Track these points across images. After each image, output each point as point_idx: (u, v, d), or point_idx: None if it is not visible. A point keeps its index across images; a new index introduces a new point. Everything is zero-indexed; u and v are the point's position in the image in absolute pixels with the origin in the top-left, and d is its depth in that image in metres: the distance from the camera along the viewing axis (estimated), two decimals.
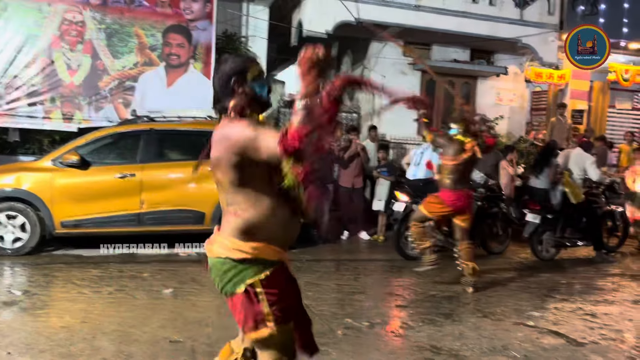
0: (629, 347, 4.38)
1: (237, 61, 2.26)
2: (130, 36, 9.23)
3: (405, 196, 7.47)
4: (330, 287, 5.86)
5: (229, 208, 2.21)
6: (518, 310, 5.29)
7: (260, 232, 2.17)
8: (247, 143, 2.03)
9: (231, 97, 2.21)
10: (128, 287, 5.50)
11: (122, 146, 7.35)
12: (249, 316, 2.18)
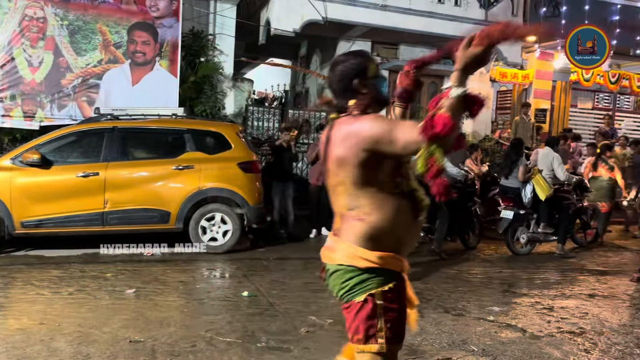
0: (583, 339, 4.52)
1: (358, 60, 2.19)
2: (94, 33, 9.08)
3: None
4: (296, 285, 5.88)
5: (350, 212, 2.09)
6: (479, 305, 5.40)
7: (386, 238, 2.07)
8: (382, 136, 1.94)
9: (352, 97, 2.13)
10: (89, 287, 5.42)
11: (85, 145, 7.25)
12: (362, 328, 2.07)
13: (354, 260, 2.05)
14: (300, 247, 8.09)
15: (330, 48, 12.21)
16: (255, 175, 7.50)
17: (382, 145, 1.94)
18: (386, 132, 1.93)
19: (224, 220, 7.26)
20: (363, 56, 2.24)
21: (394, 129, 1.92)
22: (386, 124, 1.97)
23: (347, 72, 2.16)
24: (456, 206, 7.81)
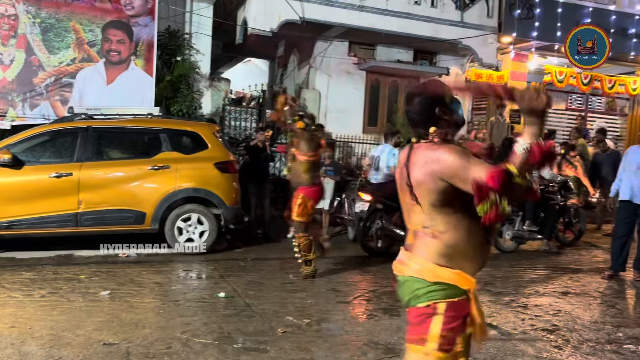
0: (556, 336, 4.59)
1: (437, 88, 2.28)
2: (67, 31, 8.94)
3: (369, 195, 7.78)
4: (273, 285, 5.86)
5: (425, 230, 2.19)
6: None
7: (458, 256, 2.16)
8: (457, 172, 2.03)
9: (433, 124, 2.21)
10: (62, 289, 5.33)
11: (58, 145, 7.13)
12: (418, 330, 2.18)
13: (424, 274, 2.17)
14: (278, 248, 8.07)
15: (307, 48, 12.22)
16: (232, 176, 7.46)
17: (457, 180, 2.05)
18: (462, 169, 2.02)
19: (201, 221, 7.21)
20: (438, 84, 2.33)
21: (470, 169, 2.00)
22: (464, 161, 2.05)
23: (427, 102, 2.24)
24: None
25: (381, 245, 7.87)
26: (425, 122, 2.23)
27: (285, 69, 13.73)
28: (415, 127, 2.28)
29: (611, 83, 13.98)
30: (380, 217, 7.81)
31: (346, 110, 12.12)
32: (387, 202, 7.82)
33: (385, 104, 12.56)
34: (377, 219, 7.79)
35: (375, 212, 7.73)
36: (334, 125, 11.41)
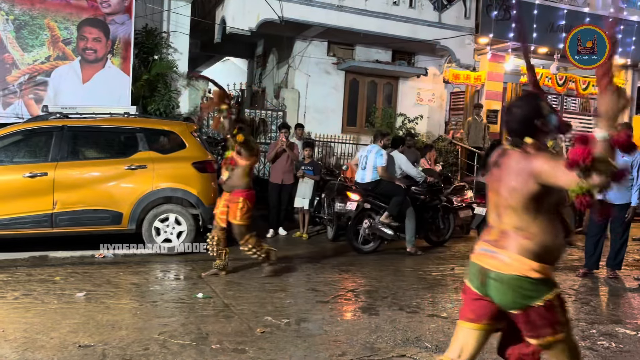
0: None
1: (535, 103, 2.56)
2: (42, 28, 8.79)
3: (357, 195, 7.93)
4: (252, 285, 5.84)
5: (517, 231, 2.48)
6: (433, 302, 5.50)
7: (546, 254, 2.47)
8: (552, 175, 2.31)
9: (529, 133, 2.50)
10: (37, 291, 5.24)
11: (32, 144, 7.00)
12: (549, 324, 2.50)
13: (527, 272, 2.44)
14: None
15: (286, 48, 12.20)
16: (210, 175, 7.41)
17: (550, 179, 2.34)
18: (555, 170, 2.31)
19: (178, 221, 7.15)
20: (536, 98, 2.61)
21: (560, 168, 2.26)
22: (556, 163, 2.32)
23: (528, 114, 2.53)
24: (422, 205, 8.31)
25: (371, 245, 8.02)
26: (523, 132, 2.51)
27: (265, 68, 13.70)
28: (512, 135, 2.57)
29: (585, 84, 14.26)
30: (369, 217, 7.94)
31: (325, 110, 12.14)
32: (375, 202, 7.92)
33: (364, 104, 12.60)
34: (365, 219, 7.92)
35: (364, 211, 7.88)
36: (313, 125, 11.42)
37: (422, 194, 8.41)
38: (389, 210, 7.81)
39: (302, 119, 11.84)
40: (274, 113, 11.64)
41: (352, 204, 7.96)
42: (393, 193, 7.85)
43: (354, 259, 7.61)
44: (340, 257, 7.67)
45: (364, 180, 8.00)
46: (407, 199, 8.01)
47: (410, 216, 7.91)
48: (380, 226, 7.83)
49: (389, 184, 7.89)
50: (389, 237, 7.92)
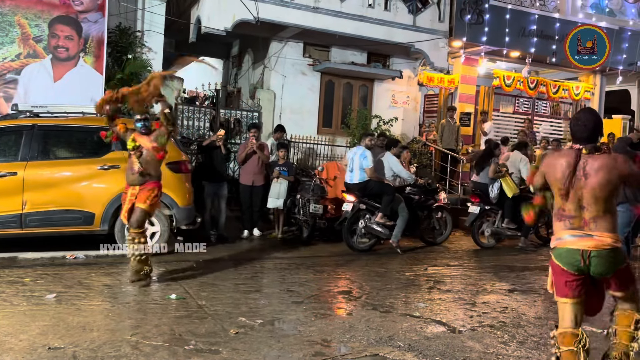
0: (502, 332, 4.74)
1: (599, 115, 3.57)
2: (12, 25, 8.62)
3: (352, 197, 8.17)
4: (226, 286, 5.82)
5: (604, 215, 3.22)
6: (406, 302, 5.55)
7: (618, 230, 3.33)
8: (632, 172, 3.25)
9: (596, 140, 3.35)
10: (5, 293, 5.13)
11: (1, 143, 6.87)
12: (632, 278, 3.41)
13: (617, 244, 3.23)
14: (231, 248, 8.02)
15: (262, 48, 12.17)
16: (184, 176, 7.37)
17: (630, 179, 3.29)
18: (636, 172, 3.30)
19: (152, 222, 7.08)
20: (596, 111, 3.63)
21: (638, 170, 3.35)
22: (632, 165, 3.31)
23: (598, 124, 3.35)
24: (417, 205, 8.63)
25: (366, 244, 8.28)
26: (595, 139, 3.32)
27: (240, 68, 13.65)
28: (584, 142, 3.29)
29: (556, 88, 14.54)
30: (364, 217, 8.12)
31: (301, 111, 12.14)
32: (370, 202, 8.06)
33: (339, 105, 12.65)
34: (360, 219, 8.13)
35: (359, 212, 8.11)
36: (289, 126, 11.39)
37: (417, 194, 8.68)
38: (381, 210, 8.03)
39: (277, 120, 11.83)
40: (250, 113, 11.61)
41: (348, 205, 8.16)
42: (382, 192, 8.06)
43: (328, 259, 7.65)
44: (315, 257, 7.70)
45: (352, 181, 8.18)
46: (399, 198, 8.25)
47: (403, 214, 8.15)
48: (375, 226, 8.06)
49: (378, 183, 8.10)
50: (384, 236, 8.18)
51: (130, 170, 5.71)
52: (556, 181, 3.30)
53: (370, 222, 8.10)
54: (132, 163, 5.69)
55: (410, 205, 8.41)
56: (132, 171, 5.69)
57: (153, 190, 5.74)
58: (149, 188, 5.73)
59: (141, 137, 5.73)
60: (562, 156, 3.33)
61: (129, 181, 5.77)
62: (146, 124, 5.74)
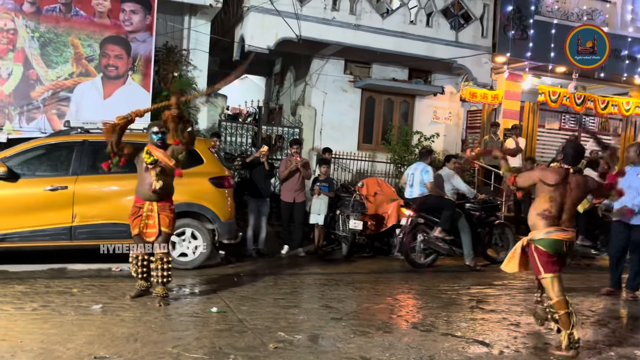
0: (548, 355, 4.60)
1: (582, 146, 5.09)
2: (66, 46, 9.00)
3: (411, 211, 8.27)
4: (266, 301, 5.85)
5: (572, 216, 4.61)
6: (447, 321, 5.45)
7: None
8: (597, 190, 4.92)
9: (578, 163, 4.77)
10: (54, 303, 5.31)
11: (54, 158, 7.13)
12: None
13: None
14: (272, 264, 8.08)
15: (303, 66, 12.32)
16: (227, 191, 7.48)
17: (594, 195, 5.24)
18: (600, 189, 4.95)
19: (195, 236, 7.22)
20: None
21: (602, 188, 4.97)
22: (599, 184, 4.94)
23: (582, 153, 4.88)
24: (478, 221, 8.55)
25: (426, 259, 8.26)
26: (578, 163, 4.72)
27: (282, 85, 13.83)
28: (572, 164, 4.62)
29: (604, 103, 14.13)
30: (422, 232, 8.16)
31: (341, 127, 12.19)
32: (429, 217, 8.06)
33: (380, 121, 12.64)
34: (418, 233, 8.17)
35: (417, 226, 8.15)
36: (329, 142, 11.47)
37: (477, 210, 8.61)
38: (440, 224, 8.05)
39: (318, 136, 11.92)
40: (291, 130, 11.73)
41: (407, 219, 8.24)
42: (442, 207, 8.10)
43: (368, 276, 7.61)
44: (354, 274, 7.67)
45: (412, 195, 8.32)
46: (459, 213, 8.24)
47: (465, 230, 8.14)
48: (434, 240, 8.08)
49: (437, 198, 8.17)
50: (443, 251, 8.17)
51: (148, 186, 5.44)
52: (549, 189, 4.48)
53: (429, 237, 8.12)
54: (149, 178, 5.42)
55: (471, 222, 8.36)
56: (149, 187, 5.43)
57: (172, 211, 5.61)
58: (170, 208, 5.57)
59: (157, 150, 5.47)
60: (555, 172, 4.54)
61: (144, 197, 5.51)
62: (163, 137, 5.53)
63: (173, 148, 5.48)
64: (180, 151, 5.47)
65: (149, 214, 5.53)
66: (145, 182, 5.51)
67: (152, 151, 5.50)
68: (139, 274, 5.72)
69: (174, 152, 5.48)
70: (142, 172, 5.56)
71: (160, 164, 5.45)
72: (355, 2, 10.98)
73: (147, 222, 5.55)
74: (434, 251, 8.21)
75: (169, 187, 5.61)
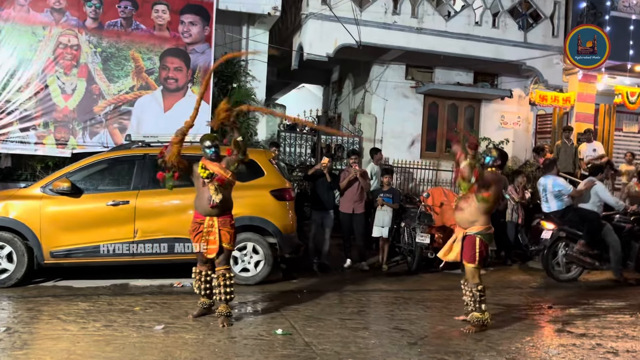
0: None
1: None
2: (127, 59, 9.04)
3: (552, 224, 8.04)
4: (332, 322, 5.51)
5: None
6: (534, 347, 4.94)
7: None
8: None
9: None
10: (117, 322, 5.17)
11: (115, 172, 7.10)
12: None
13: None
14: (335, 279, 7.74)
15: (363, 72, 12.00)
16: (288, 203, 7.22)
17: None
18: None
19: (256, 250, 6.99)
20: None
21: None
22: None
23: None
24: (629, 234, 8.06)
25: (570, 273, 7.99)
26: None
27: (340, 94, 13.56)
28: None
29: None
30: (565, 245, 7.91)
31: (403, 135, 11.77)
32: (572, 230, 7.84)
33: (444, 128, 12.14)
34: (561, 247, 7.93)
35: (558, 240, 7.90)
36: (391, 150, 11.09)
37: (628, 223, 8.16)
38: (583, 237, 7.70)
39: (378, 144, 11.53)
40: (351, 139, 11.40)
41: (548, 233, 7.99)
42: (585, 219, 7.77)
43: (438, 294, 7.14)
44: (423, 291, 7.22)
45: (550, 209, 8.06)
46: (605, 225, 7.85)
47: (613, 244, 7.76)
48: (577, 254, 7.78)
49: (579, 210, 7.86)
50: (589, 266, 7.88)
51: (207, 201, 5.24)
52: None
53: (572, 251, 7.79)
54: (207, 192, 5.25)
55: (621, 235, 7.91)
56: (208, 202, 5.24)
57: (233, 226, 5.43)
58: (230, 223, 5.39)
59: (211, 164, 5.31)
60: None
61: (203, 212, 5.33)
62: (216, 150, 5.40)
63: (227, 160, 5.39)
64: (234, 162, 5.38)
65: (210, 230, 5.34)
66: (203, 197, 5.34)
67: (207, 165, 5.36)
68: (201, 291, 5.54)
69: (229, 164, 5.37)
70: (200, 187, 5.42)
71: (216, 177, 5.28)
72: (418, 4, 10.58)
73: (207, 238, 5.35)
74: (580, 265, 7.90)
75: (227, 200, 5.42)
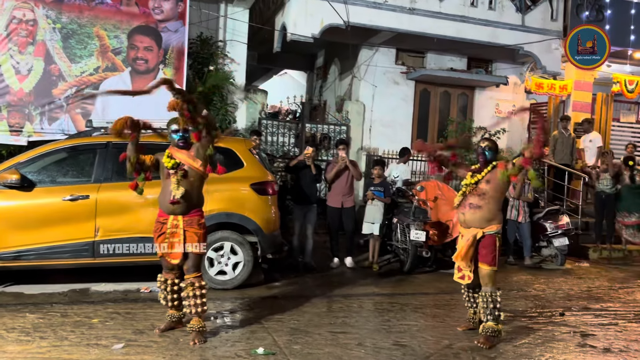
0: None
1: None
2: (91, 37, 8.16)
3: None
4: (322, 336, 4.78)
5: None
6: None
7: None
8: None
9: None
10: (68, 339, 4.37)
11: (73, 163, 6.25)
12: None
13: None
14: (322, 281, 7.02)
15: (351, 56, 11.22)
16: (271, 198, 6.46)
17: None
18: None
19: (234, 251, 6.23)
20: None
21: None
22: None
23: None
24: None
25: None
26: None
27: (325, 80, 12.79)
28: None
29: None
30: None
31: (393, 124, 11.06)
32: None
33: (436, 116, 11.46)
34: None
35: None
36: (380, 140, 10.40)
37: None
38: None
39: (367, 134, 10.82)
40: (337, 127, 10.65)
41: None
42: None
43: (437, 298, 6.46)
44: (420, 295, 6.54)
45: None
46: None
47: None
48: None
49: None
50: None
51: (170, 196, 4.44)
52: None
53: None
54: (170, 186, 4.45)
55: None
56: (171, 197, 4.43)
57: (202, 226, 4.57)
58: (198, 223, 4.55)
59: (179, 152, 4.54)
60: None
61: (166, 210, 4.53)
62: (185, 136, 4.53)
63: (197, 146, 4.52)
64: (205, 146, 4.50)
65: (174, 231, 4.52)
66: (166, 191, 4.51)
67: (173, 153, 4.56)
68: (168, 302, 4.75)
69: (199, 151, 4.51)
70: (164, 180, 4.59)
71: (184, 167, 4.48)
72: None
73: (171, 240, 4.52)
74: None
75: (195, 196, 4.58)
